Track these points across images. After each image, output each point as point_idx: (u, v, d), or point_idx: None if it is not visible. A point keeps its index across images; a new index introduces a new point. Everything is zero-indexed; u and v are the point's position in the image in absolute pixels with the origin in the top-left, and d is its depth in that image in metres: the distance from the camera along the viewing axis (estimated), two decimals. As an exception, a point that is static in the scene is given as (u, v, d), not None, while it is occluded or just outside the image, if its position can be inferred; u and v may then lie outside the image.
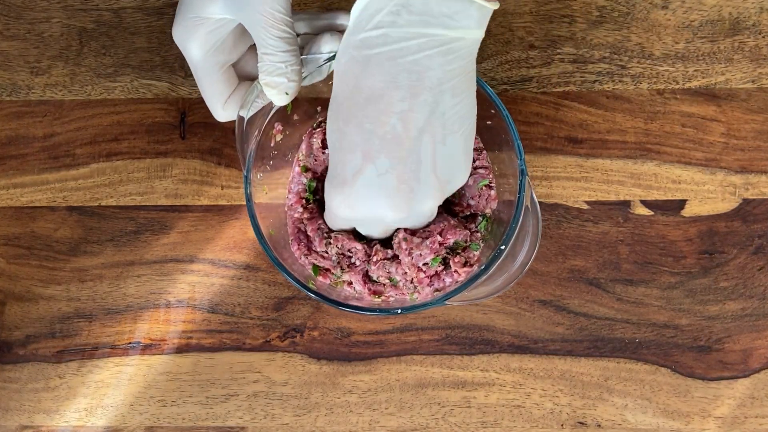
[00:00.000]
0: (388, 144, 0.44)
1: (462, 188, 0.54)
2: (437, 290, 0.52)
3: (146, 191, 0.60)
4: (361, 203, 0.46)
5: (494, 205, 0.54)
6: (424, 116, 0.44)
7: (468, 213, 0.54)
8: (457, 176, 0.48)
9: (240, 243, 0.59)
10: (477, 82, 0.51)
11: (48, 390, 0.58)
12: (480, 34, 0.44)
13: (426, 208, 0.47)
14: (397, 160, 0.45)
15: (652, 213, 0.58)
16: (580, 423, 0.56)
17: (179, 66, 0.61)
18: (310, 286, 0.50)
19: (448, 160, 0.46)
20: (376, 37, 0.43)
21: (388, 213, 0.46)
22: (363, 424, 0.57)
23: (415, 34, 0.43)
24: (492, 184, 0.54)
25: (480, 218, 0.54)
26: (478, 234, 0.53)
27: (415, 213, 0.47)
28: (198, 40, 0.50)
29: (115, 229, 0.59)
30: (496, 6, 0.43)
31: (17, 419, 0.58)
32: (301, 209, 0.54)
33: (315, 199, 0.55)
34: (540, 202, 0.58)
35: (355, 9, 0.44)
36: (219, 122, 0.60)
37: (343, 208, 0.48)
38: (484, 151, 0.55)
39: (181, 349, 0.58)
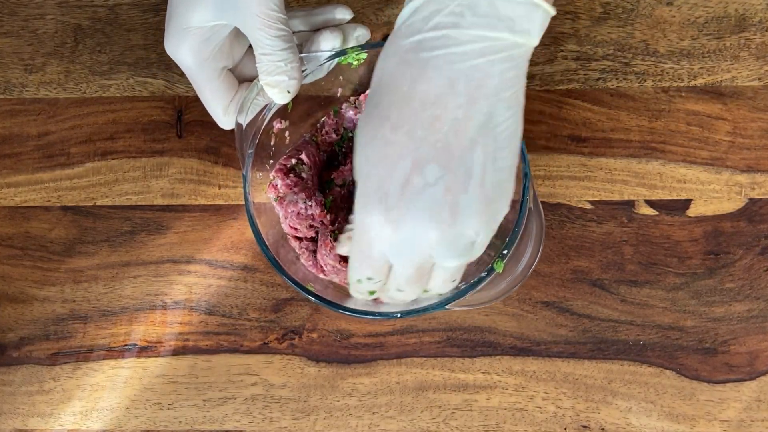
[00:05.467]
0: (439, 152, 0.40)
1: None
2: None
3: (142, 191, 0.59)
4: (407, 218, 0.41)
5: None
6: (477, 126, 0.41)
7: None
8: (504, 197, 0.43)
9: (238, 243, 0.58)
10: None
11: (42, 393, 0.57)
12: (536, 41, 0.41)
13: (470, 231, 0.42)
14: (447, 170, 0.41)
15: (657, 213, 0.57)
16: (584, 426, 0.55)
17: (176, 63, 0.60)
18: (309, 288, 0.49)
19: (497, 176, 0.42)
20: (435, 38, 0.40)
21: (430, 230, 0.41)
22: (363, 428, 0.56)
23: (478, 37, 0.40)
24: None
25: None
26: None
27: (457, 233, 0.42)
28: (193, 50, 0.49)
29: (111, 230, 0.59)
30: (554, 12, 0.41)
31: (11, 423, 0.57)
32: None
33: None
34: (542, 202, 0.58)
35: (407, 10, 0.41)
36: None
37: (386, 227, 0.42)
38: None
39: (177, 352, 0.57)
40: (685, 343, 0.56)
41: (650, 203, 0.58)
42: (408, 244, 0.42)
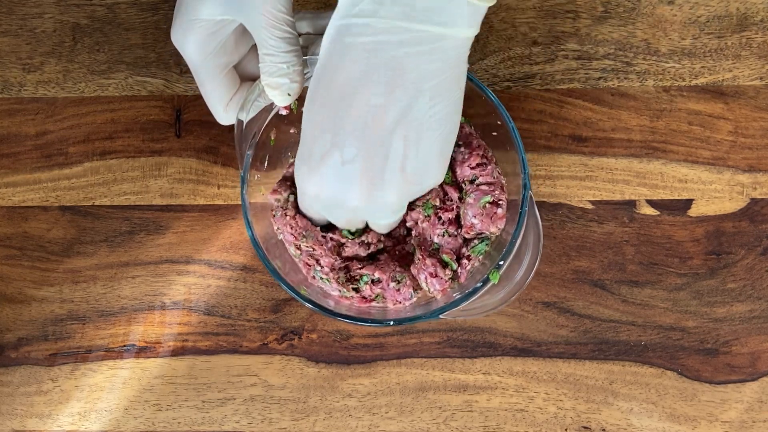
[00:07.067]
0: (357, 134, 0.43)
1: (464, 207, 0.51)
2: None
3: (141, 191, 0.59)
4: (327, 185, 0.45)
5: (501, 224, 0.50)
6: (396, 114, 0.42)
7: (472, 233, 0.51)
8: (428, 179, 0.46)
9: (237, 244, 0.58)
10: (486, 93, 0.49)
11: (41, 394, 0.57)
12: (470, 33, 0.41)
13: (389, 202, 0.45)
14: (363, 152, 0.43)
15: (658, 213, 0.57)
16: (585, 428, 0.55)
17: (174, 63, 0.60)
18: (302, 292, 0.49)
19: (420, 161, 0.44)
20: (359, 25, 0.41)
21: (349, 199, 0.45)
22: (362, 429, 0.56)
23: (397, 28, 0.40)
24: (500, 202, 0.51)
25: (476, 242, 0.51)
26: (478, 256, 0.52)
27: (377, 205, 0.45)
28: (198, 43, 0.48)
29: (109, 230, 0.58)
30: (490, 2, 0.41)
31: (9, 423, 0.56)
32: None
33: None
34: (543, 202, 0.57)
35: None
36: (215, 120, 0.59)
37: (311, 187, 0.46)
38: (490, 166, 0.51)
39: (176, 352, 0.57)
40: (686, 343, 0.56)
41: (651, 203, 0.57)
42: (332, 205, 0.47)
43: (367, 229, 0.52)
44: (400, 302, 0.51)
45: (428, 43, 0.41)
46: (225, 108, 0.51)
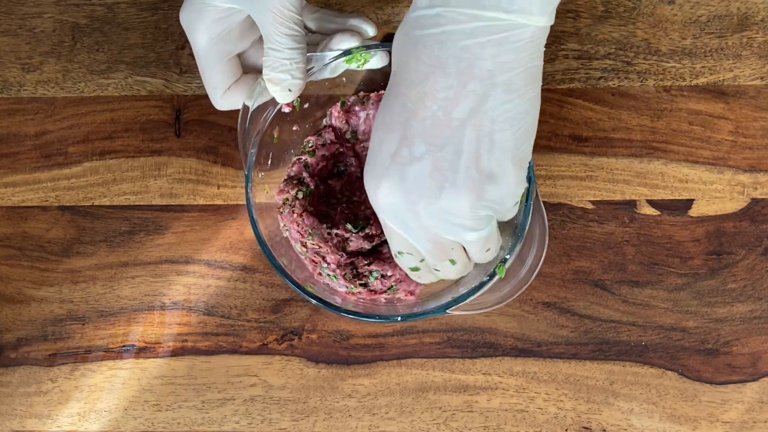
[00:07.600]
0: (427, 129, 0.41)
1: None
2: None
3: (140, 190, 0.59)
4: (396, 187, 0.42)
5: None
6: (468, 108, 0.40)
7: None
8: (501, 178, 0.42)
9: (237, 244, 0.58)
10: None
11: (40, 394, 0.57)
12: (543, 22, 0.40)
13: (460, 206, 0.41)
14: (433, 147, 0.41)
15: (659, 213, 0.57)
16: (585, 428, 0.55)
17: (174, 63, 0.60)
18: (309, 289, 0.49)
19: (496, 156, 0.41)
20: (429, 17, 0.41)
21: (419, 203, 0.42)
22: (363, 429, 0.56)
23: (468, 17, 0.39)
24: None
25: None
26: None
27: (448, 211, 0.42)
28: (204, 27, 0.48)
29: (109, 230, 0.58)
30: None
31: (8, 424, 0.56)
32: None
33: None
34: (544, 202, 0.57)
35: None
36: (215, 120, 0.59)
37: (382, 195, 0.43)
38: None
39: (176, 353, 0.57)
40: (687, 344, 0.56)
41: (652, 203, 0.57)
42: (405, 214, 0.43)
43: (369, 222, 0.52)
44: (412, 292, 0.52)
45: (500, 32, 0.39)
46: (222, 94, 0.51)
